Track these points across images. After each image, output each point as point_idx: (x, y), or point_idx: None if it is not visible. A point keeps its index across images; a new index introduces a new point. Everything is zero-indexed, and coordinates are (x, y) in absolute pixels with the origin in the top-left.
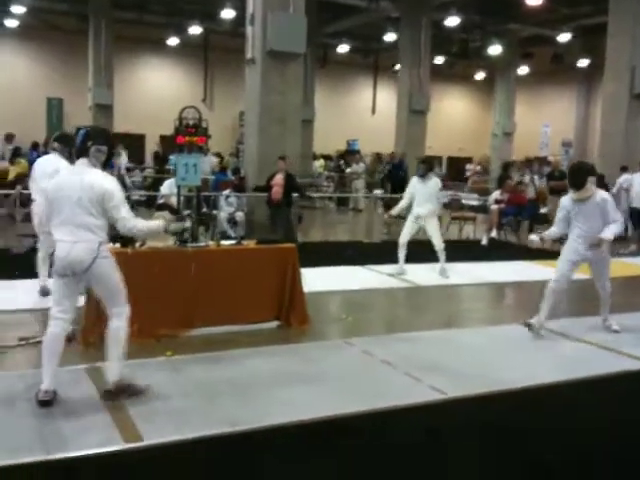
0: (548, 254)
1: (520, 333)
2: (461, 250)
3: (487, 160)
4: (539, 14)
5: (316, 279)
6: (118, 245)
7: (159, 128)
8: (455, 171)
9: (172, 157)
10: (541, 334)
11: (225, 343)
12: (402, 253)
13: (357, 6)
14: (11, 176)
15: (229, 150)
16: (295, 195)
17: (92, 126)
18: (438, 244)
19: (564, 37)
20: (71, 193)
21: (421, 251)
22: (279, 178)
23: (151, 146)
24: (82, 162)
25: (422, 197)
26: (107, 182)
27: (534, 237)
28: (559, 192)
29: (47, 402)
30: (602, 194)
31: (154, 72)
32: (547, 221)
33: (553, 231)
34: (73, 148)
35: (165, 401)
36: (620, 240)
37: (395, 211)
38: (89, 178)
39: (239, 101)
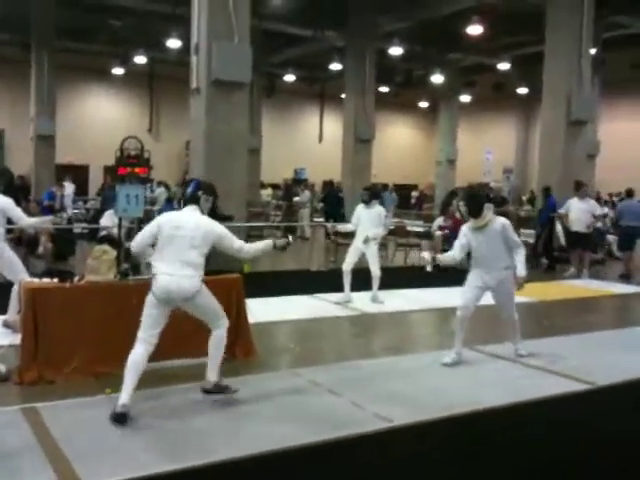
0: None
1: (466, 357)
2: (407, 276)
3: (432, 187)
4: (480, 43)
5: (262, 309)
6: (56, 280)
7: (103, 159)
8: (400, 198)
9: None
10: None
11: (168, 378)
12: (347, 281)
13: (303, 36)
14: None
15: (176, 180)
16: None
17: (202, 180)
18: (374, 270)
19: (504, 66)
20: (186, 233)
21: (367, 278)
22: None
23: (95, 177)
24: (192, 208)
25: (368, 224)
26: (217, 226)
27: (426, 255)
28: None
29: (122, 415)
30: (501, 220)
31: (99, 102)
32: None
33: (450, 255)
34: (7, 182)
35: (104, 440)
36: (562, 262)
37: (340, 227)
38: (202, 222)
39: (185, 130)
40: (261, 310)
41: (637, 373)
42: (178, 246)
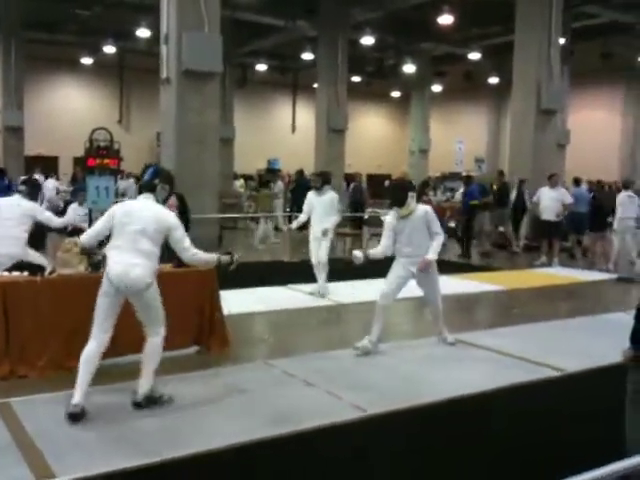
0: (463, 267)
1: (438, 345)
2: (381, 266)
3: (405, 177)
4: (450, 33)
5: (236, 301)
6: (26, 273)
7: (73, 150)
8: (375, 188)
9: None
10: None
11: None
12: (318, 272)
13: (275, 25)
14: None
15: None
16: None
17: (160, 166)
18: (322, 257)
19: (474, 55)
20: (137, 221)
21: (341, 269)
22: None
23: (65, 168)
24: (148, 196)
25: (321, 211)
26: (171, 217)
27: (358, 253)
28: (483, 208)
29: (76, 415)
30: (424, 207)
31: (68, 92)
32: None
33: (380, 250)
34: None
35: (79, 435)
36: (533, 250)
37: (294, 225)
38: (155, 211)
39: (156, 121)
40: (235, 302)
41: (606, 359)
42: (130, 235)
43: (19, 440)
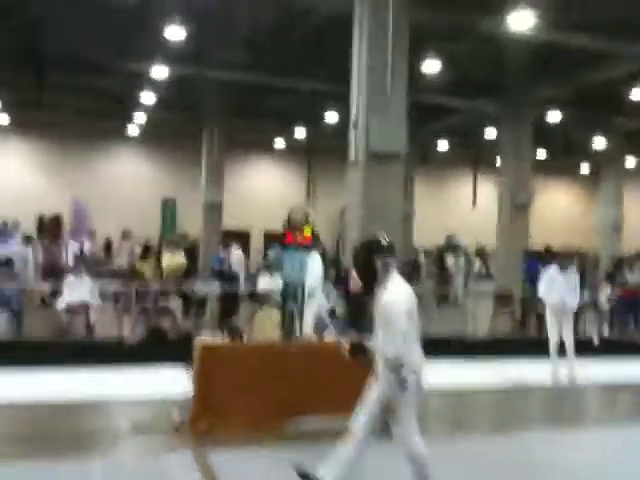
0: None
1: None
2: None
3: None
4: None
5: None
6: (225, 334)
7: (264, 224)
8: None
9: (270, 252)
10: None
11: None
12: None
13: (457, 107)
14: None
15: (329, 245)
16: None
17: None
18: None
19: None
20: (416, 309)
21: None
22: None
23: (255, 243)
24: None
25: (564, 289)
26: None
27: None
28: None
29: None
30: None
31: (261, 173)
32: None
33: None
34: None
35: None
36: None
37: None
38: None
39: (338, 198)
40: None
41: None
42: (415, 327)
43: None
